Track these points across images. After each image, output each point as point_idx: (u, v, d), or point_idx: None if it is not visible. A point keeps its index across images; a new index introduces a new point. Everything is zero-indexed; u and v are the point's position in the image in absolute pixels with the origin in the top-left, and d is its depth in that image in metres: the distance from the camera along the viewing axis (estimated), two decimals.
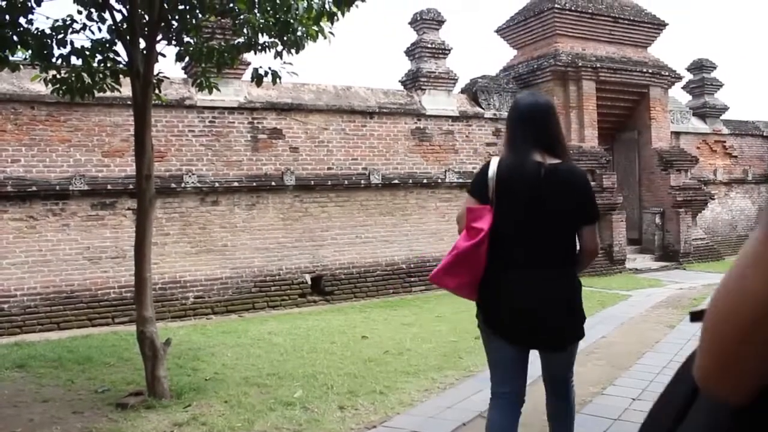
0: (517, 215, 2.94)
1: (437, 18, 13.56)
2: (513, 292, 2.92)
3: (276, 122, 11.26)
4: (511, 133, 3.13)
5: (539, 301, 2.90)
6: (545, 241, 2.94)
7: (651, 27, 15.69)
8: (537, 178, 2.92)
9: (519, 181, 2.95)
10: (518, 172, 2.96)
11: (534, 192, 2.92)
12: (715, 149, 18.08)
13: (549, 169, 2.94)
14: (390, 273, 12.14)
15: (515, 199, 2.94)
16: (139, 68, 5.57)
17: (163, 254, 10.16)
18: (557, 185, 2.93)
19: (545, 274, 2.92)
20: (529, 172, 2.94)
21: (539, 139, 3.01)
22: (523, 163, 2.97)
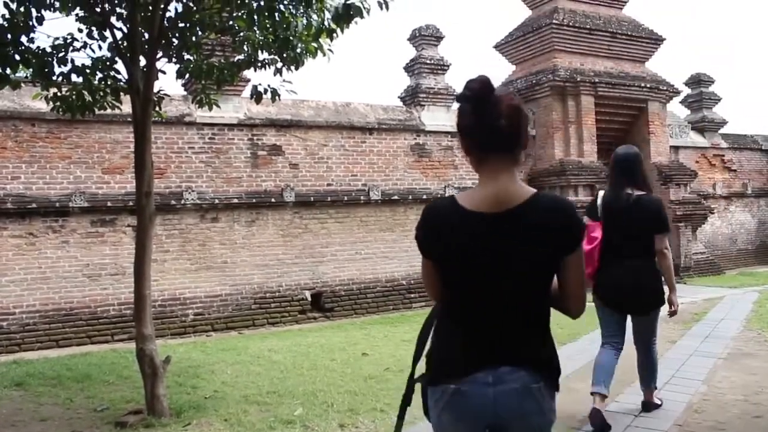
0: (616, 228, 4.70)
1: (436, 34, 13.62)
2: (614, 276, 4.68)
3: (276, 139, 11.28)
4: (612, 173, 4.92)
5: (630, 283, 4.66)
6: (634, 243, 4.70)
7: (649, 42, 15.75)
8: (628, 204, 4.71)
9: (616, 206, 4.75)
10: (616, 200, 4.77)
11: (626, 213, 4.69)
12: (714, 163, 18.11)
13: (635, 199, 4.73)
14: (390, 289, 12.11)
15: (614, 217, 4.72)
16: (139, 86, 5.59)
17: (163, 271, 10.14)
18: (640, 209, 4.70)
19: (634, 263, 4.69)
20: (623, 201, 4.73)
21: (629, 178, 4.79)
22: (618, 194, 4.77)
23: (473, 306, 2.07)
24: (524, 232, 2.00)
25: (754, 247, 18.61)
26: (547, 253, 2.03)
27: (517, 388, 1.99)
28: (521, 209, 2.01)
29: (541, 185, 14.07)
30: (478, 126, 2.03)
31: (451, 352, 2.11)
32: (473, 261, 2.04)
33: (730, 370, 6.41)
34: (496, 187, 2.03)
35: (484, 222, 2.02)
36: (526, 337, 2.07)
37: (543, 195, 2.08)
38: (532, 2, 15.77)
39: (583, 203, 13.51)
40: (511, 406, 2.00)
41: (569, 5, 15.05)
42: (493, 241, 2.01)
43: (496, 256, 2.01)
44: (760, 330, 8.44)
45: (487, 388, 2.00)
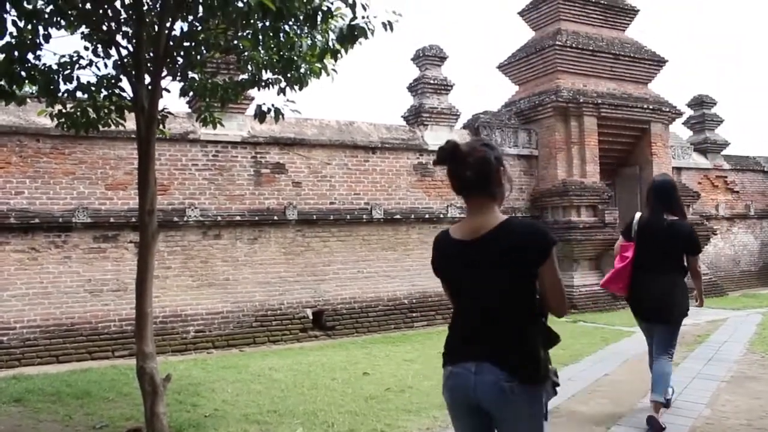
0: (649, 248, 5.26)
1: (439, 54, 13.70)
2: (645, 290, 5.26)
3: (279, 157, 11.32)
4: (648, 199, 5.42)
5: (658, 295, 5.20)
6: (665, 262, 5.23)
7: (651, 63, 15.83)
8: (662, 228, 5.25)
9: (652, 229, 5.29)
10: (651, 223, 5.32)
11: (659, 235, 5.23)
12: (716, 184, 18.12)
13: (669, 223, 5.26)
14: (392, 308, 12.09)
15: (648, 239, 5.29)
16: (144, 104, 5.62)
17: (165, 287, 10.14)
18: (673, 232, 5.22)
19: (664, 279, 5.22)
20: (658, 224, 5.28)
21: (664, 204, 5.31)
22: (654, 218, 5.31)
23: (463, 312, 2.72)
24: (493, 253, 2.56)
25: (757, 268, 18.57)
26: (513, 266, 2.55)
27: (492, 381, 2.52)
28: (491, 234, 2.57)
29: (543, 205, 14.09)
30: (453, 177, 2.67)
31: (451, 344, 2.74)
32: (459, 278, 2.71)
33: (733, 393, 6.38)
34: (474, 220, 2.65)
35: (463, 247, 2.64)
36: (503, 341, 2.57)
37: (510, 221, 2.61)
38: (536, 24, 15.87)
39: (586, 223, 13.54)
40: (486, 394, 2.54)
41: (572, 27, 15.14)
42: (470, 261, 2.61)
43: (474, 273, 2.61)
44: (763, 353, 8.40)
45: (470, 374, 2.57)
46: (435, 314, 12.50)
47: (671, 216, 5.27)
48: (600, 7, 15.56)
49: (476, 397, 2.56)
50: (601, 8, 15.59)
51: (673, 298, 5.20)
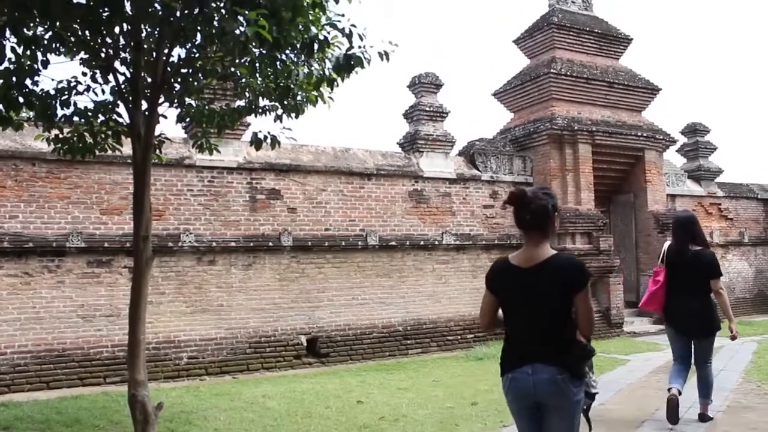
0: (678, 273, 6.30)
1: (435, 82, 13.79)
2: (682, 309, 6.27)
3: (274, 183, 11.33)
4: (674, 232, 6.50)
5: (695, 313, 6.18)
6: (692, 284, 6.22)
7: (645, 91, 15.96)
8: (687, 256, 6.27)
9: (678, 257, 6.34)
10: (677, 252, 6.37)
11: (686, 263, 6.26)
12: (710, 212, 18.18)
13: (694, 252, 6.28)
14: (386, 335, 12.03)
15: (676, 266, 6.32)
16: (140, 130, 5.64)
17: (158, 313, 10.08)
18: (698, 260, 6.23)
19: (695, 299, 6.22)
20: (683, 253, 6.31)
21: (687, 235, 6.34)
22: (679, 248, 6.35)
23: (517, 325, 3.40)
24: (543, 280, 3.25)
25: (752, 295, 18.57)
26: (559, 292, 3.24)
27: (546, 378, 3.21)
28: (542, 265, 3.28)
29: None
30: (517, 217, 3.37)
31: (507, 355, 3.42)
32: (514, 296, 3.36)
33: (730, 424, 6.34)
34: (530, 251, 3.35)
35: (520, 272, 3.33)
36: (551, 346, 3.26)
37: (558, 256, 3.31)
38: (531, 52, 16.02)
39: (581, 251, 13.54)
40: (543, 388, 3.22)
41: (567, 55, 15.28)
42: (524, 284, 3.30)
43: (527, 293, 3.29)
44: (759, 382, 8.37)
45: (528, 376, 3.25)
46: (430, 342, 12.44)
47: (695, 246, 6.31)
48: (594, 35, 15.72)
49: (535, 393, 3.25)
50: (595, 37, 15.75)
51: (707, 315, 6.23)
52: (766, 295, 18.80)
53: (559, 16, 15.47)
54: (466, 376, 9.50)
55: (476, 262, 13.44)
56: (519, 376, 3.29)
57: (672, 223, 6.71)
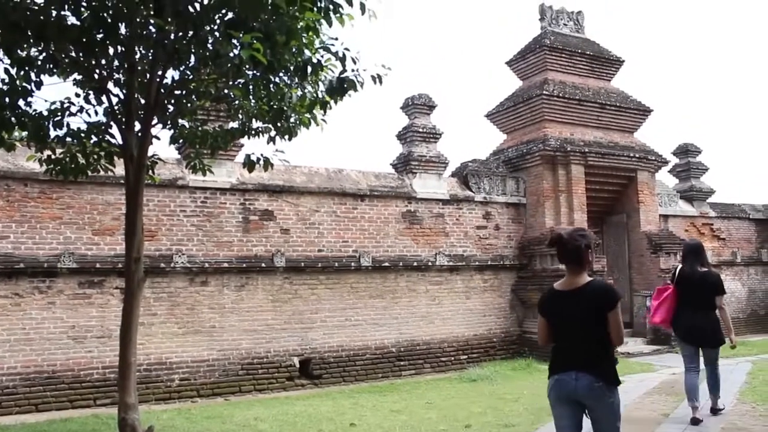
0: (688, 291, 7.21)
1: (428, 103, 13.85)
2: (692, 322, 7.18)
3: (267, 204, 11.32)
4: (684, 255, 7.53)
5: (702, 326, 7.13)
6: (699, 300, 7.16)
7: (637, 113, 16.05)
8: (696, 276, 7.22)
9: (688, 277, 7.27)
10: (687, 273, 7.30)
11: (695, 282, 7.20)
12: (703, 232, 18.23)
13: (701, 273, 7.25)
14: (379, 357, 11.98)
15: (687, 285, 7.23)
16: (133, 152, 5.64)
17: (150, 335, 10.01)
18: (705, 280, 7.20)
19: (703, 314, 7.16)
20: (693, 273, 7.26)
21: (694, 258, 7.36)
22: (690, 269, 7.30)
23: (562, 339, 4.16)
24: (581, 301, 4.01)
25: (745, 315, 18.57)
26: (596, 311, 3.98)
27: (587, 383, 3.94)
28: (581, 289, 4.05)
29: (532, 253, 14.10)
30: (559, 254, 4.17)
31: (556, 361, 4.16)
32: (560, 315, 4.13)
33: None
34: (571, 279, 4.11)
35: (563, 296, 4.11)
36: (590, 357, 3.99)
37: (593, 282, 4.10)
38: (523, 73, 16.12)
39: None
40: (584, 391, 3.96)
41: (559, 77, 15.38)
42: (568, 305, 4.07)
43: (570, 312, 4.05)
44: (754, 403, 8.34)
45: (571, 380, 4.00)
46: (423, 363, 12.39)
47: (702, 267, 7.35)
48: (586, 57, 15.84)
49: (577, 393, 3.98)
50: (587, 59, 15.87)
51: (713, 328, 7.23)
52: (759, 315, 18.81)
53: (552, 39, 15.59)
54: (460, 398, 9.45)
55: (469, 283, 13.42)
56: (564, 378, 4.04)
57: (683, 249, 7.83)
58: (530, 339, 13.72)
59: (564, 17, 16.33)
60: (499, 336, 13.70)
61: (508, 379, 11.00)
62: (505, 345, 13.69)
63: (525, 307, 14.15)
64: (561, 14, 16.29)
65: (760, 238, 19.55)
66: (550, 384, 4.13)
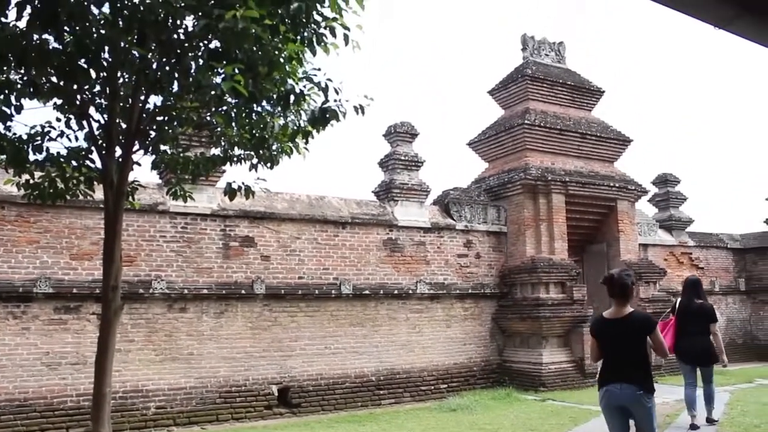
0: (687, 320, 8.63)
1: (411, 131, 13.91)
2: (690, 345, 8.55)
3: (248, 230, 11.27)
4: (684, 288, 9.00)
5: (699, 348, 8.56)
6: (697, 327, 8.57)
7: (617, 143, 16.23)
8: (693, 307, 8.68)
9: (687, 307, 8.72)
10: (686, 304, 8.75)
11: (694, 312, 8.64)
12: (682, 261, 18.38)
13: (698, 304, 8.71)
14: (359, 385, 11.88)
15: (686, 315, 8.67)
16: (113, 178, 5.58)
17: (127, 361, 9.87)
18: (702, 309, 8.67)
19: (700, 338, 8.55)
20: (691, 304, 8.72)
21: (693, 292, 8.82)
22: (689, 301, 8.76)
23: (610, 357, 5.21)
24: (627, 328, 5.12)
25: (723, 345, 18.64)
26: (639, 335, 5.12)
27: (631, 392, 5.02)
28: (626, 318, 5.14)
29: (512, 282, 14.12)
30: (608, 289, 5.20)
31: (605, 375, 5.22)
32: (609, 338, 5.19)
33: None
34: (618, 309, 5.19)
35: (611, 323, 5.20)
36: (633, 371, 5.08)
37: (635, 312, 5.22)
38: (505, 103, 16.26)
39: (554, 300, 13.55)
40: (628, 399, 5.03)
41: (540, 106, 15.54)
42: (615, 330, 5.15)
43: (617, 336, 5.14)
44: None
45: (618, 390, 5.07)
46: (403, 392, 12.30)
47: (699, 300, 8.81)
48: (567, 87, 16.02)
49: (622, 400, 5.10)
50: (568, 89, 16.05)
51: (708, 350, 8.64)
52: (737, 343, 18.94)
53: (533, 69, 15.77)
54: (439, 428, 9.38)
55: (450, 311, 13.40)
56: (612, 389, 5.14)
57: (683, 283, 9.36)
58: (510, 368, 13.69)
59: (546, 48, 16.53)
60: (480, 365, 13.65)
61: (488, 408, 10.94)
62: (486, 374, 13.64)
63: (505, 336, 14.14)
64: (543, 45, 16.49)
65: (738, 268, 19.76)
66: (601, 394, 5.24)
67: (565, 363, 13.54)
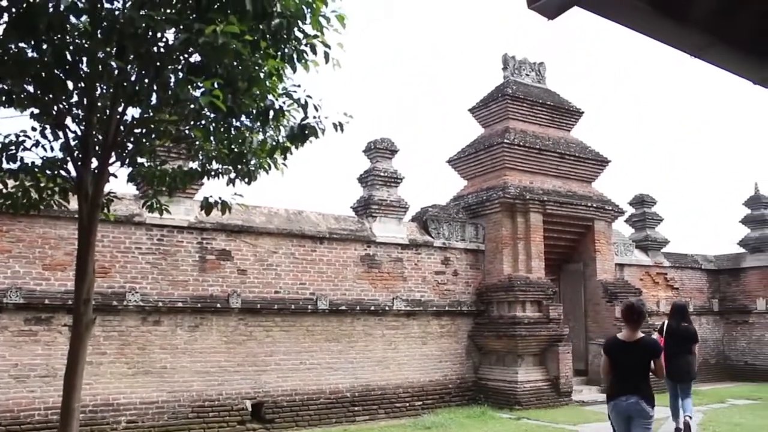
0: (674, 341, 9.56)
1: (390, 148, 13.94)
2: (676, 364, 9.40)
3: (225, 243, 11.19)
4: (672, 312, 10.07)
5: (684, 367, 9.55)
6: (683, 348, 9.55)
7: (595, 163, 16.37)
8: (680, 329, 9.71)
9: (675, 330, 9.72)
10: (675, 327, 9.77)
11: (680, 334, 9.66)
12: (657, 281, 18.54)
13: (684, 327, 9.77)
14: (334, 401, 11.80)
15: (673, 336, 9.64)
16: (88, 190, 5.51)
17: (98, 374, 9.73)
18: (685, 333, 9.71)
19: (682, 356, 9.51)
20: (677, 327, 9.75)
21: (680, 316, 9.90)
22: (676, 324, 9.78)
23: (619, 374, 5.99)
24: (636, 350, 5.94)
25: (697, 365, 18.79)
26: (646, 357, 5.94)
27: (634, 402, 5.83)
28: (636, 342, 5.97)
29: (489, 299, 14.14)
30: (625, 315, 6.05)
31: (613, 389, 6.02)
32: (619, 358, 5.99)
33: None
34: (630, 333, 6.03)
35: (624, 345, 6.02)
36: (638, 386, 5.87)
37: (644, 337, 6.06)
38: (485, 121, 16.36)
39: (531, 319, 13.59)
40: (632, 409, 5.84)
41: (520, 126, 15.64)
42: (627, 352, 5.96)
43: (627, 357, 5.94)
44: None
45: (624, 402, 5.88)
46: (377, 408, 12.24)
47: (684, 323, 9.82)
48: (547, 108, 16.16)
49: (628, 410, 5.87)
50: (548, 109, 16.19)
51: (691, 368, 9.75)
52: (710, 364, 19.09)
53: (514, 88, 15.90)
54: None
55: (426, 328, 13.38)
56: (620, 402, 5.92)
57: (671, 308, 10.37)
58: (486, 386, 13.68)
59: (526, 67, 16.68)
60: (455, 382, 13.63)
61: (463, 427, 10.91)
62: (461, 392, 13.62)
63: (481, 354, 14.14)
64: (523, 64, 16.64)
65: (712, 288, 19.97)
66: (610, 406, 6.02)
67: (541, 381, 13.56)
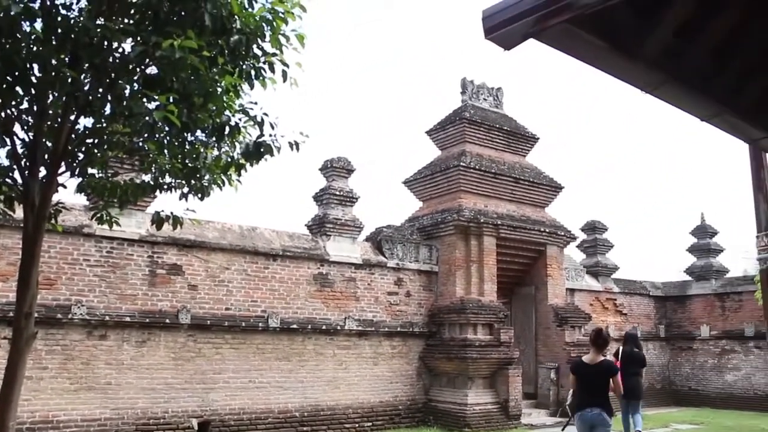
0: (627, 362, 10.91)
1: (347, 167, 13.94)
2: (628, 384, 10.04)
3: (176, 258, 11.02)
4: (626, 339, 11.67)
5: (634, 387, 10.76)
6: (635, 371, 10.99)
7: (549, 189, 16.61)
8: (632, 355, 11.22)
9: (627, 354, 11.19)
10: (627, 352, 11.24)
11: (631, 357, 11.15)
12: (607, 306, 18.86)
13: (635, 352, 11.36)
14: (282, 421, 11.66)
15: (627, 360, 10.99)
16: (34, 201, 5.38)
17: (38, 390, 9.44)
18: (636, 357, 11.27)
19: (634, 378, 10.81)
20: (630, 352, 11.26)
21: (632, 343, 11.52)
22: (630, 350, 11.32)
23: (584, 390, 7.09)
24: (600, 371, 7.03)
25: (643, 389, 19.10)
26: (607, 376, 7.03)
27: (597, 413, 6.89)
28: (600, 364, 7.07)
29: (441, 321, 14.18)
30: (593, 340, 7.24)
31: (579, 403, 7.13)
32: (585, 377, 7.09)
33: None
34: (593, 356, 7.15)
35: (587, 366, 7.10)
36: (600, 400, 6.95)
37: (605, 360, 7.19)
38: (442, 144, 16.49)
39: (482, 341, 13.66)
40: (596, 419, 6.91)
41: (476, 149, 15.80)
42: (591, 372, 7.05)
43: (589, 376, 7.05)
44: None
45: (589, 413, 6.93)
46: (326, 429, 12.13)
47: (635, 349, 11.35)
48: (503, 132, 16.37)
49: (592, 420, 6.85)
50: (504, 134, 16.40)
51: (640, 388, 11.08)
52: (656, 389, 19.44)
53: (471, 112, 16.08)
54: None
55: (378, 348, 13.34)
56: (585, 413, 6.89)
57: (624, 336, 12.08)
58: (436, 408, 13.68)
59: (484, 92, 16.90)
60: (405, 404, 13.60)
61: None
62: (411, 413, 13.59)
63: (432, 375, 14.15)
64: (482, 89, 16.86)
65: (659, 315, 20.41)
66: (577, 417, 7.02)
67: (490, 404, 13.62)
